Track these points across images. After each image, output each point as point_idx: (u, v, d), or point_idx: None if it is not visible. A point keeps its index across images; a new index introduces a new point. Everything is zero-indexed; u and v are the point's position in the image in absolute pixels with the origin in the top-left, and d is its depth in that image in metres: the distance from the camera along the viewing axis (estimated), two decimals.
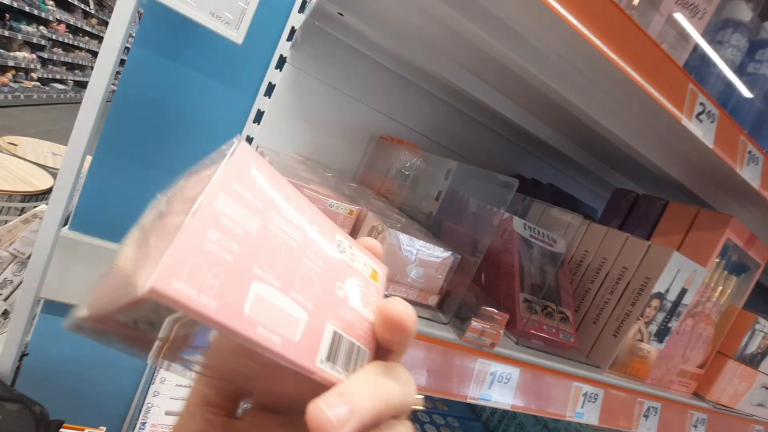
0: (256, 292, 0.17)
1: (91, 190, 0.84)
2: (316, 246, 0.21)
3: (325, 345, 0.19)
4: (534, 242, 0.62)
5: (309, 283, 0.19)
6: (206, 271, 0.15)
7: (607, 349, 0.62)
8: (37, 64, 4.39)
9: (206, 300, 0.15)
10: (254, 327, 0.16)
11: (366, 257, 0.24)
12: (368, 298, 0.22)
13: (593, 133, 0.71)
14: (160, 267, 0.14)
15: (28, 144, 1.82)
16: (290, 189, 0.21)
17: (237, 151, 0.18)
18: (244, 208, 0.18)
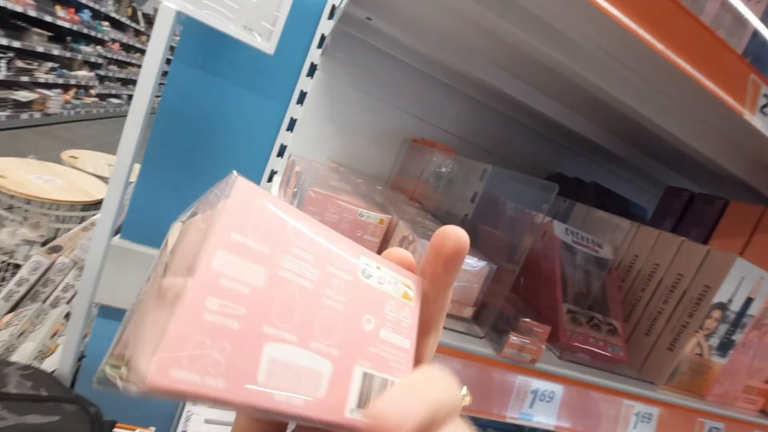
0: (269, 356, 0.15)
1: (139, 200, 0.88)
2: (337, 280, 0.19)
3: (355, 391, 0.18)
4: (577, 248, 0.58)
5: (331, 326, 0.18)
6: (209, 347, 0.14)
7: (662, 363, 0.57)
8: (95, 82, 4.74)
9: (212, 381, 0.14)
10: (271, 396, 0.15)
11: (396, 274, 0.21)
12: (401, 323, 0.20)
13: (641, 128, 0.66)
14: (156, 358, 0.13)
15: (86, 156, 1.96)
16: (302, 220, 0.18)
17: (234, 191, 0.16)
18: (248, 261, 0.16)
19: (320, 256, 0.18)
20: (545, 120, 0.88)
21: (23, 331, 1.09)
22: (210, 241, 0.15)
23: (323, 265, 0.18)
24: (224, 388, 0.14)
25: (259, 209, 0.17)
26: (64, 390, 0.72)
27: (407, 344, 0.20)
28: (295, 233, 0.18)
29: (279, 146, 0.86)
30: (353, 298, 0.19)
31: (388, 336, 0.20)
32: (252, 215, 0.16)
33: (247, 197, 0.16)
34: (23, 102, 3.39)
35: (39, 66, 3.68)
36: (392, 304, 0.20)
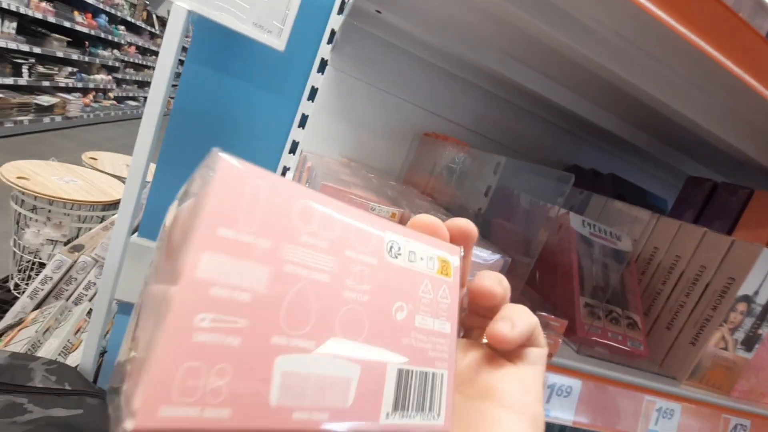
0: (282, 371, 0.13)
1: (155, 199, 0.90)
2: (359, 266, 0.16)
3: (390, 393, 0.16)
4: (594, 240, 0.57)
5: (356, 323, 0.15)
6: (206, 374, 0.12)
7: (684, 358, 0.56)
8: (113, 85, 4.84)
9: (214, 412, 0.12)
10: (289, 416, 0.13)
11: (429, 247, 0.18)
12: (439, 303, 0.18)
13: (660, 116, 0.64)
14: (139, 394, 0.11)
15: (106, 158, 2.00)
16: (309, 197, 0.15)
17: (217, 174, 0.13)
18: (243, 260, 0.13)
19: (335, 240, 0.15)
20: (560, 111, 0.86)
21: (48, 327, 1.13)
22: (192, 243, 0.12)
23: (340, 250, 0.15)
24: (230, 417, 0.12)
25: (252, 193, 0.13)
26: (87, 384, 0.74)
27: (447, 328, 0.18)
28: (301, 216, 0.14)
29: (291, 143, 0.87)
30: (380, 284, 0.16)
31: (424, 322, 0.17)
32: (243, 202, 0.13)
33: (234, 179, 0.13)
34: (45, 106, 3.49)
35: (59, 71, 3.78)
36: (427, 284, 0.18)
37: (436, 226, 0.20)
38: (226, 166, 0.13)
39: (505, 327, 0.19)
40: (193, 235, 0.12)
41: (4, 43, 2.99)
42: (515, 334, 0.19)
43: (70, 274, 1.31)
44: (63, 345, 1.08)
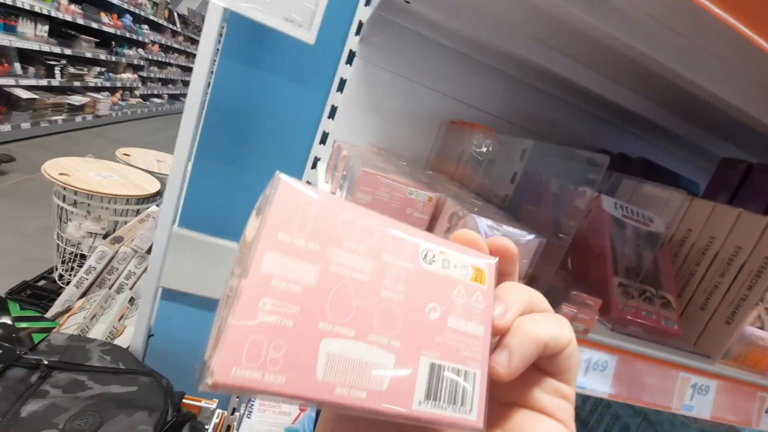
0: (327, 352, 0.16)
1: (193, 191, 0.94)
2: (395, 269, 0.18)
3: (422, 383, 0.17)
4: (627, 222, 0.58)
5: (391, 318, 0.17)
6: (267, 346, 0.15)
7: (719, 337, 0.56)
8: (138, 83, 4.98)
9: (272, 378, 0.15)
10: (332, 390, 0.16)
11: (464, 256, 0.20)
12: (472, 307, 0.19)
13: (692, 98, 0.64)
14: (217, 358, 0.14)
15: (137, 154, 2.08)
16: (351, 210, 0.18)
17: (278, 192, 0.16)
18: (297, 260, 0.16)
19: (374, 246, 0.18)
20: (588, 95, 0.85)
21: (94, 314, 1.20)
22: (259, 244, 0.15)
23: (378, 255, 0.18)
24: (284, 384, 0.15)
25: (305, 207, 0.17)
26: (139, 364, 0.79)
27: (481, 331, 0.19)
28: (344, 226, 0.17)
29: (321, 134, 0.89)
30: (414, 286, 0.18)
31: (457, 324, 0.19)
32: (298, 213, 0.16)
33: (291, 196, 0.16)
34: (77, 106, 3.62)
35: (88, 71, 3.92)
36: (460, 289, 0.19)
37: (475, 240, 0.21)
38: (284, 185, 0.17)
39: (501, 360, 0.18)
40: (259, 239, 0.16)
41: (38, 45, 3.12)
42: (512, 369, 0.18)
43: (111, 264, 1.38)
44: (109, 330, 1.15)
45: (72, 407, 0.65)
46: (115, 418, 0.66)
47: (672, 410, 0.48)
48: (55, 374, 0.71)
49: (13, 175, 2.57)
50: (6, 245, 1.95)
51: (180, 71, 6.38)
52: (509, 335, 0.19)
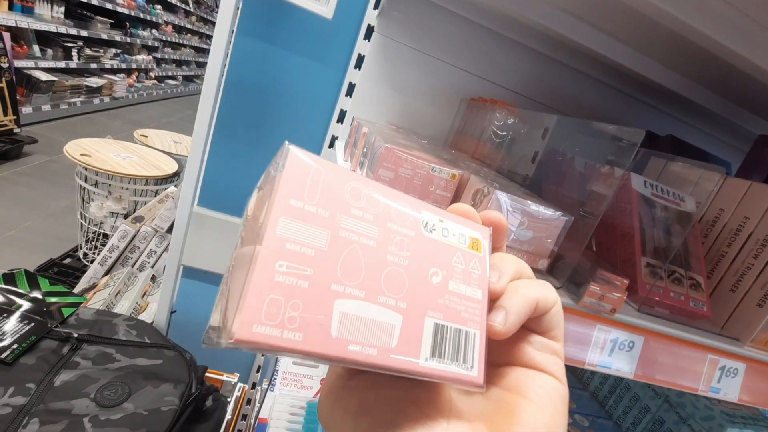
0: (340, 311, 0.16)
1: (211, 170, 0.94)
2: (399, 236, 0.19)
3: (428, 341, 0.18)
4: (657, 201, 0.56)
5: (398, 281, 0.18)
6: (284, 305, 0.15)
7: (750, 320, 0.55)
8: (153, 65, 5.00)
9: (290, 335, 0.15)
10: (345, 346, 0.16)
11: (461, 227, 0.21)
12: (470, 273, 0.20)
13: (729, 69, 0.60)
14: (238, 316, 0.14)
15: (155, 135, 2.10)
16: (357, 181, 0.19)
17: (287, 161, 0.17)
18: (309, 225, 0.17)
19: (379, 214, 0.19)
20: (614, 68, 0.82)
21: (119, 291, 1.23)
22: (272, 210, 0.16)
23: (383, 222, 0.19)
24: (301, 341, 0.15)
25: (314, 175, 0.17)
26: (163, 338, 0.81)
27: (479, 295, 0.20)
28: (351, 194, 0.18)
29: (339, 112, 0.88)
30: (417, 252, 0.19)
31: (457, 287, 0.20)
32: (308, 181, 0.17)
33: (301, 165, 0.17)
34: (94, 88, 3.66)
35: (104, 53, 3.94)
36: (459, 256, 0.20)
37: (470, 213, 0.22)
38: (294, 155, 0.17)
39: (498, 319, 0.20)
40: (273, 204, 0.16)
41: (54, 27, 3.14)
42: (508, 327, 0.20)
43: (133, 243, 1.41)
44: (133, 306, 1.18)
45: (102, 378, 0.68)
46: (142, 389, 0.68)
47: (699, 392, 0.47)
48: (85, 347, 0.73)
49: (37, 156, 2.63)
50: (33, 224, 2.01)
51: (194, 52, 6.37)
52: (504, 297, 0.21)
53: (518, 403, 0.20)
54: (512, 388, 0.21)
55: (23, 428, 0.58)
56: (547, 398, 0.20)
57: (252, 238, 0.16)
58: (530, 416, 0.19)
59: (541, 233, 0.44)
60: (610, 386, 0.86)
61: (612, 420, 0.82)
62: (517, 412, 0.20)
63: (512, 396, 0.21)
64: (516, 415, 0.20)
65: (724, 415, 0.67)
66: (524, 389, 0.21)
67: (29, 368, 0.66)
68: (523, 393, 0.20)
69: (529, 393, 0.20)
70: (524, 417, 0.19)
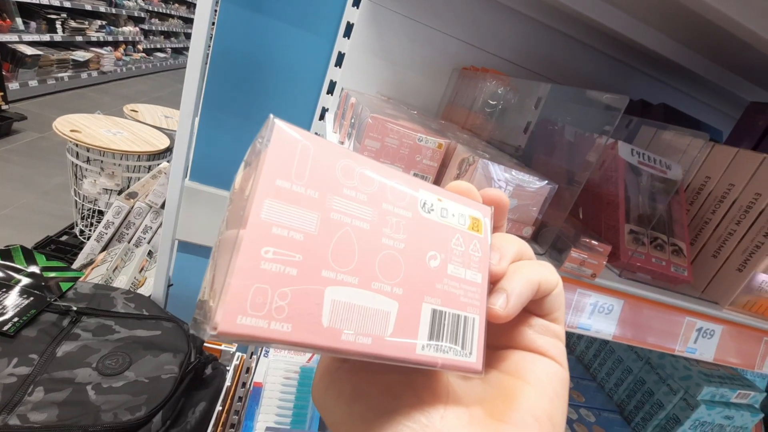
0: (332, 299, 0.16)
1: (202, 144, 0.94)
2: (395, 217, 0.18)
3: (425, 328, 0.18)
4: (643, 169, 0.56)
5: (393, 265, 0.17)
6: (271, 294, 0.14)
7: (729, 284, 0.56)
8: (141, 36, 4.84)
9: (278, 326, 0.14)
10: (338, 336, 0.16)
11: (461, 206, 0.20)
12: (470, 255, 0.19)
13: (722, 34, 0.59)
14: (221, 308, 0.14)
15: (145, 110, 2.07)
16: (350, 158, 0.17)
17: (273, 137, 0.15)
18: (297, 207, 0.15)
19: (373, 194, 0.17)
20: (608, 35, 0.80)
21: (116, 266, 1.25)
22: (256, 191, 0.15)
23: (378, 203, 0.17)
24: (290, 331, 0.15)
25: (302, 152, 0.16)
26: (161, 310, 0.83)
27: (479, 278, 0.19)
28: (343, 173, 0.17)
29: (328, 83, 0.87)
30: (414, 234, 0.18)
31: (456, 271, 0.19)
32: (295, 159, 0.16)
33: (287, 141, 0.16)
34: (81, 62, 3.57)
35: (89, 25, 3.81)
36: (459, 238, 0.19)
37: (470, 191, 0.21)
38: (280, 130, 0.16)
39: (499, 302, 0.19)
40: (257, 185, 0.15)
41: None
42: (510, 310, 0.19)
43: (128, 219, 1.42)
44: (131, 281, 1.20)
45: (102, 348, 0.70)
46: (142, 358, 0.70)
47: (675, 352, 0.49)
48: (84, 319, 0.75)
49: (27, 133, 2.59)
50: (27, 202, 2.01)
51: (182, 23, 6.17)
52: (505, 279, 0.20)
53: (518, 387, 0.20)
54: (512, 371, 0.21)
55: (29, 396, 0.60)
56: (548, 382, 0.20)
57: (237, 220, 0.15)
58: (530, 401, 0.19)
59: (525, 201, 0.45)
60: (595, 350, 0.89)
61: (596, 381, 0.85)
62: (517, 397, 0.19)
63: (512, 380, 0.20)
64: (515, 399, 0.19)
65: (702, 374, 0.70)
66: (524, 373, 0.20)
67: (31, 340, 0.68)
68: (522, 377, 0.20)
69: (529, 377, 0.20)
70: (523, 401, 0.19)
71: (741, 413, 0.70)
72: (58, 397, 0.61)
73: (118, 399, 0.62)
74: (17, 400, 0.59)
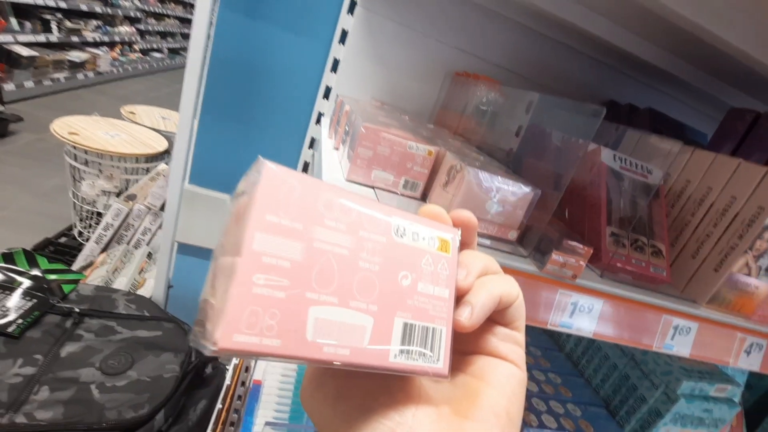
0: (315, 317, 0.18)
1: (201, 149, 0.96)
2: (371, 243, 0.20)
3: (397, 340, 0.20)
4: (625, 174, 0.59)
5: (368, 285, 0.20)
6: (262, 314, 0.17)
7: (706, 284, 0.59)
8: (137, 37, 4.84)
9: (269, 341, 0.17)
10: (320, 349, 0.18)
11: (431, 229, 0.23)
12: (438, 274, 0.22)
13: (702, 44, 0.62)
14: (220, 327, 0.16)
15: (143, 111, 2.08)
16: (330, 192, 0.20)
17: (262, 177, 0.18)
18: (284, 238, 0.18)
19: (351, 223, 0.20)
20: (596, 42, 0.83)
21: (116, 268, 1.27)
22: (249, 225, 0.17)
23: (355, 231, 0.20)
24: (279, 346, 0.17)
25: (288, 189, 0.18)
26: (162, 311, 0.85)
27: (446, 294, 0.22)
28: (325, 206, 0.19)
29: (324, 88, 0.89)
30: (388, 257, 0.20)
31: (425, 288, 0.21)
32: (282, 196, 0.18)
33: (275, 180, 0.18)
34: (77, 62, 3.56)
35: (85, 25, 3.80)
36: (428, 258, 0.22)
37: (440, 214, 0.24)
38: (268, 170, 0.18)
39: (465, 313, 0.22)
40: (249, 220, 0.17)
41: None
42: (474, 320, 0.21)
43: (127, 221, 1.43)
44: (131, 283, 1.22)
45: (105, 349, 0.72)
46: (144, 358, 0.72)
47: (653, 349, 0.52)
48: (87, 320, 0.77)
49: (24, 135, 2.60)
50: (25, 204, 2.02)
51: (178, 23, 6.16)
52: (471, 293, 0.22)
53: (481, 388, 0.22)
54: (476, 374, 0.23)
55: (34, 395, 0.62)
56: (507, 383, 0.23)
57: (233, 246, 0.17)
58: (490, 399, 0.22)
59: (510, 206, 0.47)
60: (583, 348, 0.91)
61: (584, 377, 0.88)
62: (479, 396, 0.22)
63: (476, 381, 0.23)
64: (478, 398, 0.22)
65: (682, 369, 0.73)
66: (487, 375, 0.23)
67: (35, 341, 0.70)
68: (485, 379, 0.23)
69: (491, 379, 0.23)
70: (485, 400, 0.22)
71: (719, 406, 0.73)
72: (63, 396, 0.63)
73: (121, 397, 0.64)
74: (23, 399, 0.61)
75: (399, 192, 0.53)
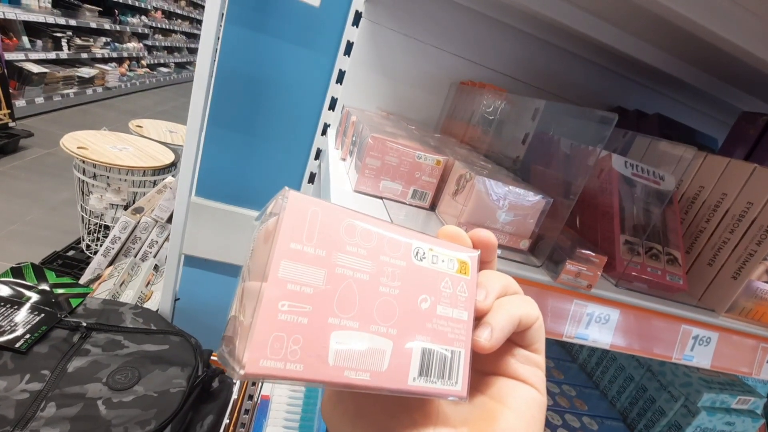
0: (336, 342, 0.18)
1: (208, 160, 0.96)
2: (391, 267, 0.20)
3: (416, 363, 0.20)
4: (637, 181, 0.58)
5: (389, 310, 0.20)
6: (286, 341, 0.17)
7: (725, 292, 0.57)
8: (144, 52, 4.93)
9: (293, 366, 0.17)
10: (341, 373, 0.18)
11: (450, 251, 0.23)
12: (457, 296, 0.22)
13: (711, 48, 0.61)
14: (247, 352, 0.16)
15: (150, 125, 2.10)
16: (352, 218, 0.20)
17: (287, 206, 0.18)
18: (308, 265, 0.18)
19: (372, 248, 0.20)
20: (603, 49, 0.83)
21: (123, 281, 1.27)
22: (274, 254, 0.18)
23: (376, 256, 0.20)
24: (302, 371, 0.17)
25: (312, 218, 0.19)
26: (169, 325, 0.84)
27: (465, 316, 0.22)
28: (346, 232, 0.20)
29: (330, 99, 0.89)
30: (407, 281, 0.21)
31: (444, 311, 0.21)
32: (306, 224, 0.19)
33: (299, 209, 0.19)
34: (86, 78, 3.63)
35: (94, 42, 3.88)
36: (447, 281, 0.22)
37: (459, 235, 0.24)
38: (293, 200, 0.19)
39: (484, 335, 0.21)
40: (274, 249, 0.18)
41: (43, 17, 3.09)
42: (493, 342, 0.21)
43: (134, 233, 1.44)
44: (138, 295, 1.22)
45: (112, 363, 0.71)
46: (151, 373, 0.72)
47: (672, 360, 0.50)
48: (94, 335, 0.76)
49: (34, 150, 2.63)
50: (34, 218, 2.03)
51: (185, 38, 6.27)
52: (490, 314, 0.22)
53: (499, 410, 0.22)
54: (495, 396, 0.23)
55: (41, 411, 0.61)
56: (526, 407, 0.22)
57: (259, 271, 0.18)
58: (508, 422, 0.21)
59: (521, 215, 0.46)
60: (597, 358, 0.89)
61: (599, 389, 0.86)
62: (498, 419, 0.22)
63: (495, 404, 0.22)
64: (496, 421, 0.21)
65: (702, 381, 0.71)
66: (506, 398, 0.22)
67: (43, 356, 0.69)
68: (504, 401, 0.22)
69: (510, 402, 0.22)
70: (503, 423, 0.21)
71: (742, 419, 0.70)
72: (70, 413, 0.62)
73: (128, 413, 0.64)
74: (30, 415, 0.60)
75: (407, 202, 0.53)
